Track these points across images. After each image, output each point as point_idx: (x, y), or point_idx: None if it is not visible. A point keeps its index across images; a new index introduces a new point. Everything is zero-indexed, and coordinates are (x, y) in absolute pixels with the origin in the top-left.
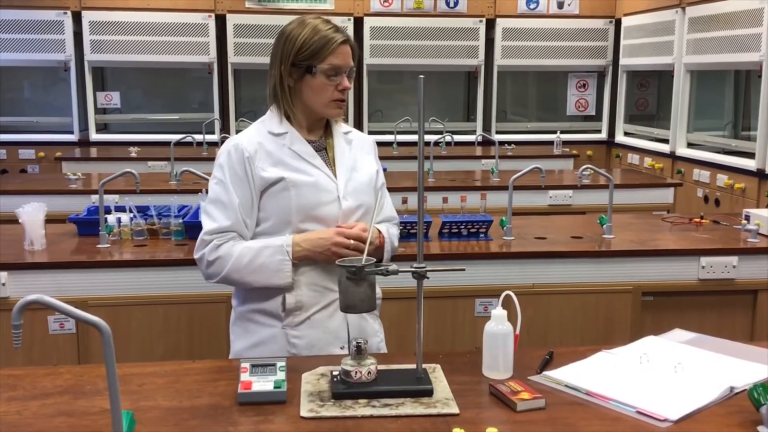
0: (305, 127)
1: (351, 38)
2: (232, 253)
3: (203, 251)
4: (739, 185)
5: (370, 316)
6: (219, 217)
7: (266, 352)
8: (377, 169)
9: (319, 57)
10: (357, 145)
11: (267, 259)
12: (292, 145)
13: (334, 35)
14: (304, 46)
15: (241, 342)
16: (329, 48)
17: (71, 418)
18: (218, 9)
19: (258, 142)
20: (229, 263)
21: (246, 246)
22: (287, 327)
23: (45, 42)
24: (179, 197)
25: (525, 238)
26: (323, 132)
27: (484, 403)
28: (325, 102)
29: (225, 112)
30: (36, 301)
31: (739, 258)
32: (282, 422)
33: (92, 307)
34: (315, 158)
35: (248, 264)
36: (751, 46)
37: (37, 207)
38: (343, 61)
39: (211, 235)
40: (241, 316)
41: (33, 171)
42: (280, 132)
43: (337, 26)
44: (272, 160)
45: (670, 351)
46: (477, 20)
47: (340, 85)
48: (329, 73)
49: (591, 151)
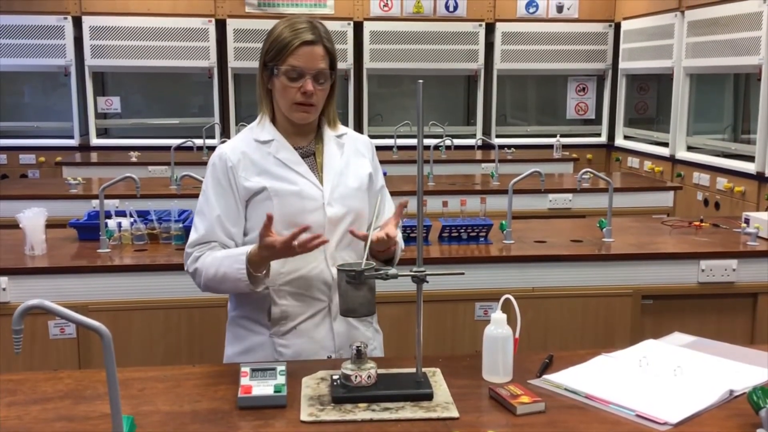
0: (292, 132)
1: (322, 39)
2: (204, 264)
3: (186, 264)
4: (739, 188)
5: (362, 324)
6: (199, 227)
7: (254, 359)
8: (371, 171)
9: (280, 58)
10: (350, 147)
11: (227, 269)
12: (277, 153)
13: (299, 35)
14: (270, 47)
15: (232, 347)
16: (288, 49)
17: (72, 422)
18: (218, 14)
19: (242, 152)
20: (202, 275)
21: (213, 257)
22: (274, 335)
23: (45, 47)
24: (179, 202)
25: (525, 241)
26: (314, 136)
27: (484, 406)
28: (288, 105)
29: (225, 116)
30: (37, 306)
31: (739, 261)
32: (282, 426)
33: (93, 312)
34: (300, 165)
35: (214, 275)
36: (750, 50)
37: (37, 212)
38: (304, 62)
39: (192, 247)
40: (232, 321)
41: (33, 176)
42: (266, 140)
43: (316, 27)
44: (256, 170)
45: (669, 354)
46: (476, 24)
47: (302, 87)
48: (289, 75)
49: (591, 154)
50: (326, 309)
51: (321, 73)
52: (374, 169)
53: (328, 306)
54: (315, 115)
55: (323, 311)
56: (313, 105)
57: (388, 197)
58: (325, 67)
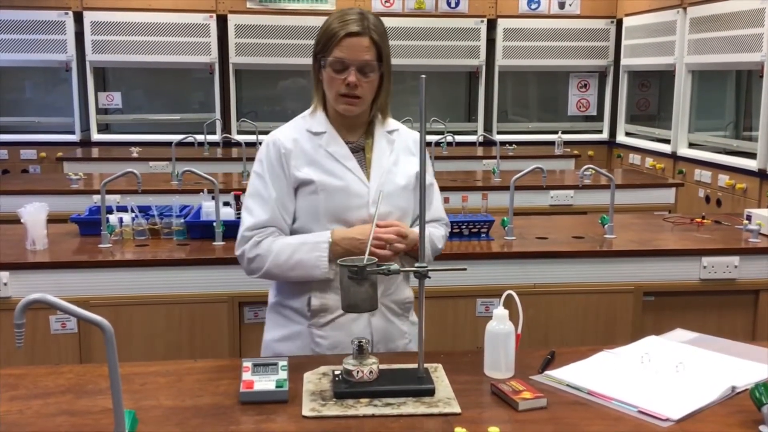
0: (342, 125)
1: (369, 31)
2: (272, 249)
3: (243, 248)
4: (741, 185)
5: (399, 318)
6: (258, 211)
7: (292, 347)
8: (418, 170)
9: (327, 49)
10: (400, 144)
11: (305, 255)
12: (327, 146)
13: (346, 27)
14: (320, 39)
15: (270, 333)
16: (334, 40)
17: (73, 417)
18: (220, 9)
19: (295, 140)
20: (268, 260)
21: (285, 242)
22: (313, 326)
23: (46, 42)
24: (181, 197)
25: (526, 238)
26: (365, 131)
27: (486, 402)
28: (333, 96)
29: (226, 112)
30: (39, 300)
31: (741, 258)
32: (284, 421)
33: (94, 307)
34: (349, 160)
35: (287, 260)
36: (752, 47)
37: (38, 207)
38: (348, 54)
39: (251, 231)
40: (272, 308)
41: (34, 171)
42: (318, 131)
43: (365, 19)
44: (307, 160)
45: (671, 351)
46: (478, 20)
47: (346, 79)
48: (335, 67)
49: (592, 151)
50: None
51: (366, 65)
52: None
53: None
54: (361, 107)
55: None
56: (359, 97)
57: (436, 195)
58: (370, 59)
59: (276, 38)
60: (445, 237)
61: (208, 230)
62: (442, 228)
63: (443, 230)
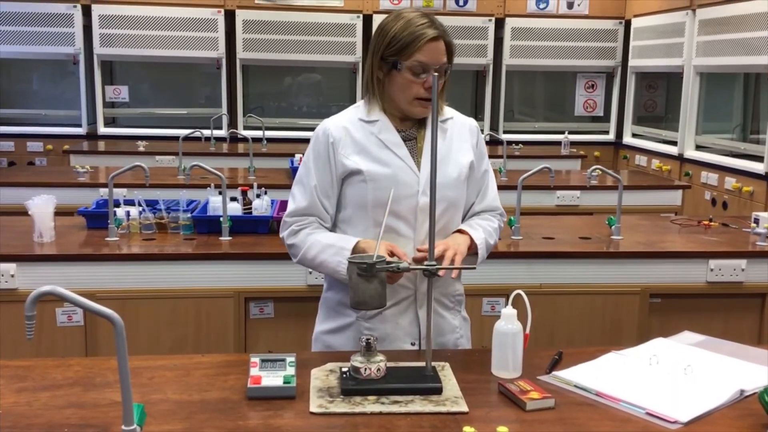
0: (397, 117)
1: (446, 34)
2: (305, 242)
3: (283, 234)
4: (748, 188)
5: (449, 312)
6: (299, 198)
7: (340, 339)
8: (472, 159)
9: (406, 53)
10: (454, 133)
11: (329, 258)
12: (379, 134)
13: (425, 31)
14: (393, 41)
15: (321, 325)
16: (417, 44)
17: (82, 409)
18: (228, 4)
19: (345, 128)
20: (300, 252)
21: (316, 239)
22: (361, 319)
23: (54, 35)
24: (188, 192)
25: (533, 238)
26: (417, 121)
27: (494, 401)
28: (408, 99)
29: (233, 107)
30: (50, 292)
31: (748, 261)
32: (291, 417)
33: (100, 300)
34: (400, 148)
35: (313, 258)
36: (761, 49)
37: (46, 199)
38: (429, 58)
39: (291, 217)
40: (324, 301)
41: (41, 163)
42: (371, 120)
43: (434, 21)
44: (356, 148)
45: (679, 353)
46: (486, 19)
47: (426, 82)
48: (415, 70)
49: (598, 152)
50: (412, 297)
51: (443, 68)
52: (478, 155)
53: (414, 294)
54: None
55: (409, 299)
56: (430, 99)
57: (492, 183)
58: (447, 62)
59: (284, 34)
60: (499, 229)
61: (214, 225)
62: (495, 219)
63: (497, 222)
